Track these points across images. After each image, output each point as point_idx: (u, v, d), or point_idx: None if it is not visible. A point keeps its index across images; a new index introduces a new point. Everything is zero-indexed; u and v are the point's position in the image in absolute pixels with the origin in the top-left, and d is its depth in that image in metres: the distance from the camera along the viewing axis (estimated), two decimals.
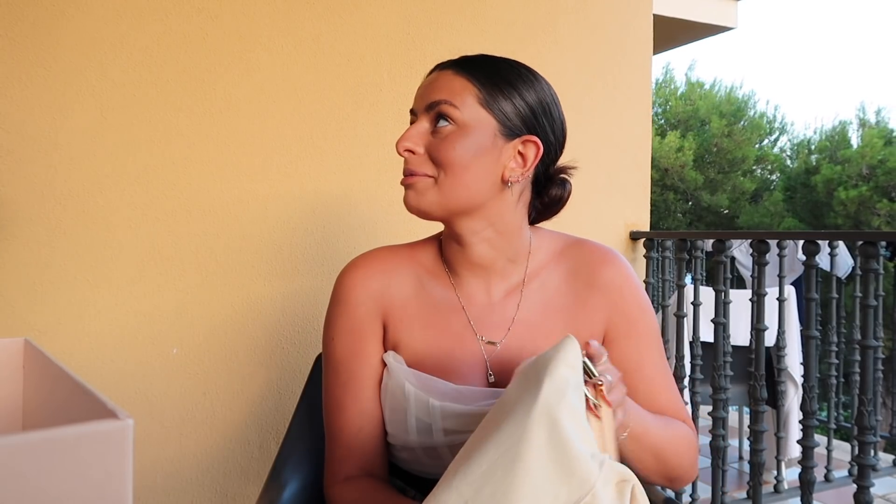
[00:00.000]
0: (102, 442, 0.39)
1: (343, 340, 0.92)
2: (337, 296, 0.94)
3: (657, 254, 2.38)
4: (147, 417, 1.57)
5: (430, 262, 0.95)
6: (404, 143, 0.84)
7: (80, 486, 0.38)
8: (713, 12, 5.15)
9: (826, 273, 2.70)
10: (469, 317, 0.91)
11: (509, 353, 0.89)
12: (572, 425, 0.61)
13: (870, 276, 1.81)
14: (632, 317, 0.92)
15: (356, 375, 0.91)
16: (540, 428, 0.61)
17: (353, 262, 0.96)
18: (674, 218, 10.45)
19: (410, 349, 0.90)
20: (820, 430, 2.83)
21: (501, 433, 0.63)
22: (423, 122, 0.85)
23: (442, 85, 0.84)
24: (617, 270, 0.92)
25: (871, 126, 9.79)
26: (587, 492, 0.59)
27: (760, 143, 10.75)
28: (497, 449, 0.62)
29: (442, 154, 0.83)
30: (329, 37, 1.77)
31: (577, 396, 0.64)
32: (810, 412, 1.94)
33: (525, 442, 0.60)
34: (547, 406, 0.61)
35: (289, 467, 1.06)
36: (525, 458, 0.60)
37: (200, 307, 1.63)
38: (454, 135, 0.83)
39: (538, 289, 0.92)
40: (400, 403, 0.87)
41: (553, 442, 0.60)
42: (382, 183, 1.82)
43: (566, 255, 0.94)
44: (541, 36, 2.07)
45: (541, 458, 0.60)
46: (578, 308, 0.91)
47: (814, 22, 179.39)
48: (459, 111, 0.83)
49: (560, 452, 0.60)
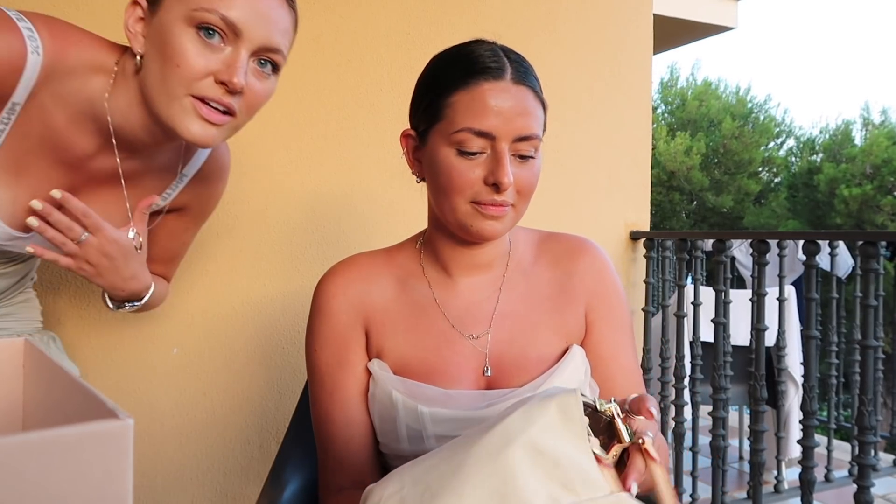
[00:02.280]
0: (102, 442, 0.39)
1: (326, 351, 0.91)
2: (317, 306, 0.93)
3: (657, 254, 2.38)
4: (147, 417, 1.57)
5: (409, 264, 0.94)
6: (509, 178, 0.79)
7: (80, 486, 0.38)
8: (713, 12, 5.15)
9: (826, 273, 2.70)
10: (450, 315, 0.90)
11: (500, 346, 0.89)
12: (529, 461, 0.58)
13: (870, 276, 1.81)
14: (611, 303, 0.93)
15: (342, 386, 0.90)
16: (485, 454, 0.59)
17: (330, 270, 0.95)
18: (678, 219, 10.46)
19: (395, 354, 0.89)
20: (820, 430, 2.83)
21: (459, 442, 0.63)
22: (508, 151, 0.80)
23: (530, 115, 0.81)
24: (594, 257, 0.94)
25: (876, 125, 9.80)
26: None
27: (767, 145, 10.78)
28: (448, 453, 0.62)
29: (529, 186, 0.83)
30: (329, 37, 1.77)
31: (557, 439, 0.59)
32: (810, 412, 1.94)
33: (467, 462, 0.59)
34: (502, 436, 0.59)
35: (289, 467, 1.06)
36: (462, 474, 0.58)
37: (200, 307, 1.63)
38: (537, 165, 0.84)
39: (518, 281, 0.93)
40: (388, 412, 0.86)
41: (495, 470, 0.58)
42: (382, 183, 1.82)
43: (543, 248, 0.96)
44: (541, 36, 2.07)
45: (477, 481, 0.58)
46: (560, 297, 0.92)
47: (814, 22, 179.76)
48: (540, 143, 0.83)
49: (500, 481, 0.57)
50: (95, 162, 0.91)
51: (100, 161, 0.91)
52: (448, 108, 0.81)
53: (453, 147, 0.81)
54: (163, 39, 0.80)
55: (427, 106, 0.85)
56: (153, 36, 0.81)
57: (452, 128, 0.80)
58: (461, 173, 0.80)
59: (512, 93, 0.80)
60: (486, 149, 0.80)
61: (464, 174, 0.80)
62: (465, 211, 0.82)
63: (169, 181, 1.01)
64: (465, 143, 0.80)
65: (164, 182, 1.01)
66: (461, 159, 0.80)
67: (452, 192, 0.81)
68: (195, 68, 0.80)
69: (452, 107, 0.81)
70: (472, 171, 0.80)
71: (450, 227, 0.87)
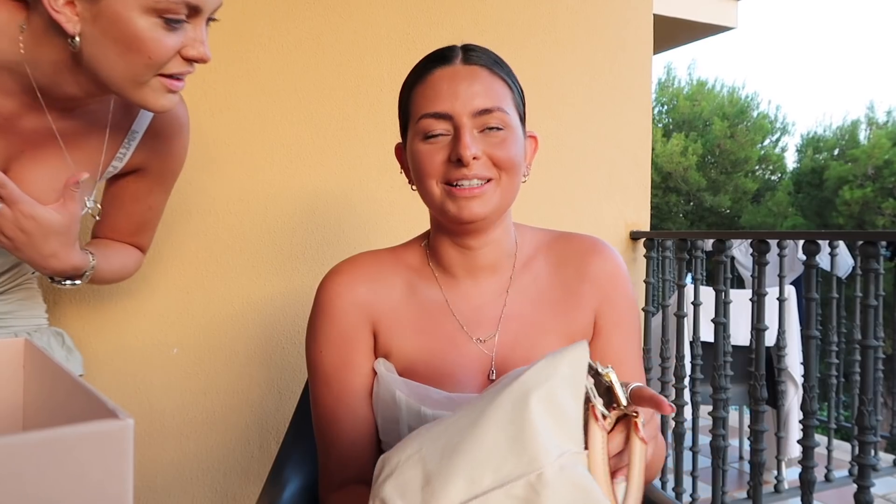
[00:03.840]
0: (102, 442, 0.39)
1: (331, 351, 0.90)
2: (320, 305, 0.91)
3: (657, 254, 2.38)
4: (147, 417, 1.57)
5: (417, 263, 0.93)
6: (471, 151, 0.81)
7: (80, 486, 0.38)
8: (713, 12, 5.15)
9: (826, 273, 2.70)
10: (460, 319, 0.90)
11: (504, 349, 0.89)
12: (543, 409, 0.60)
13: (870, 276, 1.81)
14: (621, 308, 0.92)
15: (348, 387, 0.89)
16: (507, 401, 0.61)
17: (335, 269, 0.93)
18: (675, 220, 10.46)
19: (403, 355, 0.89)
20: (820, 430, 2.83)
21: (475, 401, 0.64)
22: (470, 126, 0.83)
23: (486, 90, 0.83)
24: (608, 260, 0.92)
25: (881, 126, 9.79)
26: (533, 471, 0.58)
27: (763, 143, 10.77)
28: (465, 411, 0.64)
29: (504, 157, 0.83)
30: (329, 36, 1.77)
31: (566, 392, 0.62)
32: (810, 412, 1.94)
33: (487, 411, 0.61)
34: (522, 385, 0.61)
35: (289, 467, 1.06)
36: (482, 423, 0.60)
37: (200, 307, 1.63)
38: (507, 138, 0.84)
39: (527, 283, 0.92)
40: (392, 412, 0.86)
41: (513, 417, 0.60)
42: (382, 183, 1.82)
43: (553, 248, 0.94)
44: (541, 36, 2.07)
45: (496, 427, 0.60)
46: (569, 299, 0.91)
47: (814, 22, 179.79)
48: (509, 117, 0.84)
49: (518, 428, 0.59)
50: (25, 122, 0.89)
51: (30, 121, 0.89)
52: (411, 104, 0.86)
53: (419, 136, 0.84)
54: (120, 29, 0.78)
55: (400, 112, 0.90)
56: (102, 22, 0.79)
57: (416, 118, 0.85)
58: (427, 156, 0.84)
59: (463, 74, 0.84)
60: (450, 130, 0.83)
61: (430, 156, 0.84)
62: (439, 194, 0.84)
63: (119, 140, 0.99)
64: (427, 129, 0.83)
65: (115, 142, 0.98)
66: (426, 144, 0.84)
67: (424, 176, 0.85)
68: (166, 55, 0.80)
69: (414, 100, 0.86)
70: (438, 154, 0.83)
71: (438, 218, 0.88)
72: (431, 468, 0.61)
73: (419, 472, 0.61)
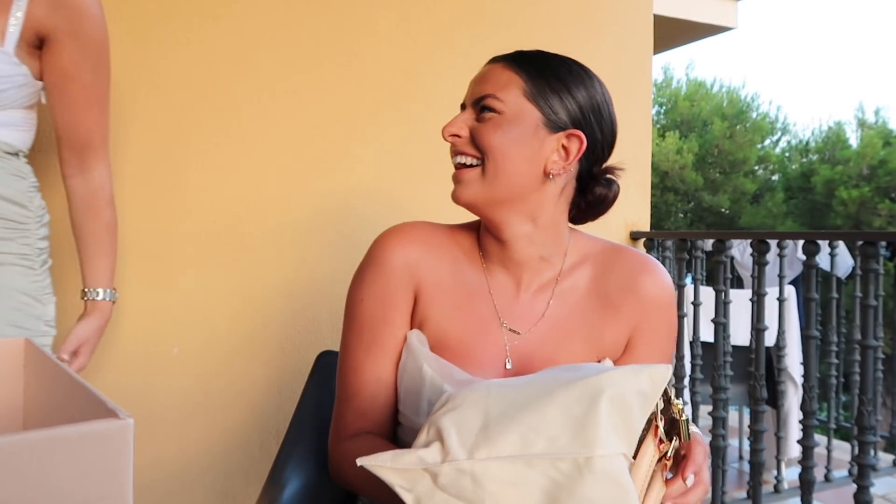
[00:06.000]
0: (102, 442, 0.39)
1: (372, 304, 0.91)
2: (373, 257, 0.93)
3: (657, 254, 2.38)
4: (147, 417, 1.57)
5: (467, 245, 0.95)
6: (449, 129, 0.88)
7: (80, 486, 0.38)
8: (713, 12, 5.15)
9: (826, 273, 2.70)
10: (497, 306, 0.91)
11: (530, 345, 0.90)
12: (613, 409, 0.64)
13: (870, 276, 1.81)
14: (660, 333, 0.93)
15: (380, 341, 0.91)
16: (578, 390, 0.65)
17: (394, 227, 0.95)
18: (674, 219, 10.45)
19: (436, 326, 0.90)
20: (820, 430, 2.83)
21: (539, 380, 0.69)
22: (469, 112, 0.89)
23: (490, 78, 0.88)
24: (659, 281, 0.92)
25: (871, 126, 9.79)
26: (584, 454, 0.61)
27: (762, 143, 10.76)
28: (534, 385, 0.68)
29: (484, 138, 0.85)
30: (329, 37, 1.77)
31: (637, 404, 0.66)
32: (810, 412, 1.94)
33: (556, 392, 0.65)
34: (598, 381, 0.65)
35: (290, 467, 1.06)
36: (549, 398, 0.65)
37: (200, 307, 1.63)
38: (495, 121, 0.85)
39: (570, 289, 0.92)
40: (415, 384, 0.87)
41: (582, 403, 0.64)
42: (382, 183, 1.82)
43: (604, 259, 0.94)
44: (541, 36, 2.07)
45: (564, 405, 0.64)
46: (606, 309, 0.91)
47: (814, 22, 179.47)
48: (503, 103, 0.86)
49: (583, 413, 0.63)
50: None
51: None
52: None
53: None
54: None
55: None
56: None
57: None
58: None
59: (483, 71, 0.90)
60: None
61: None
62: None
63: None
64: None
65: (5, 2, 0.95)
66: None
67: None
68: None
69: None
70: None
71: None
72: (493, 417, 0.65)
73: (480, 417, 0.66)
